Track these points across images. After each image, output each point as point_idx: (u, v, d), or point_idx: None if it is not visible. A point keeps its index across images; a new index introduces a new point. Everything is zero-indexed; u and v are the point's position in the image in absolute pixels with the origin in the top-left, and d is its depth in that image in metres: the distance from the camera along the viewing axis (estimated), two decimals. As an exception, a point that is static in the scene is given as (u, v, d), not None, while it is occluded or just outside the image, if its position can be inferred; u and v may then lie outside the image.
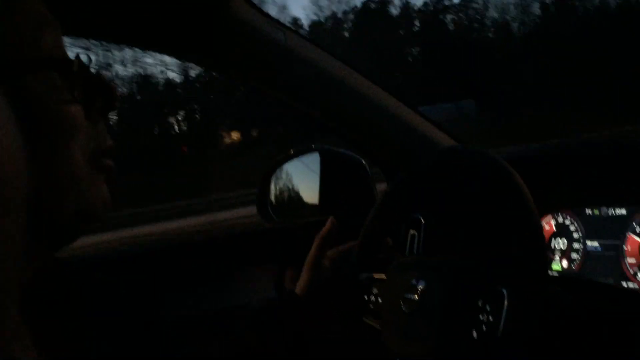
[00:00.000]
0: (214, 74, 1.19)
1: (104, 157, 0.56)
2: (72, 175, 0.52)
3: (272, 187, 1.34)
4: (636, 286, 0.96)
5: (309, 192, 1.33)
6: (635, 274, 0.96)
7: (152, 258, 1.22)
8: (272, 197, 1.35)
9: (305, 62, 1.10)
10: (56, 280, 0.62)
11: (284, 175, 1.35)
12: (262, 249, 1.29)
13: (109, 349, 0.63)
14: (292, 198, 1.36)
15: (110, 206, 0.57)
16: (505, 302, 0.72)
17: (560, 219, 1.11)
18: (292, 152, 1.33)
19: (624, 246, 0.99)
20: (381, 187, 1.35)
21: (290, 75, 1.11)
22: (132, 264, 1.19)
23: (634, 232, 0.98)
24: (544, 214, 1.13)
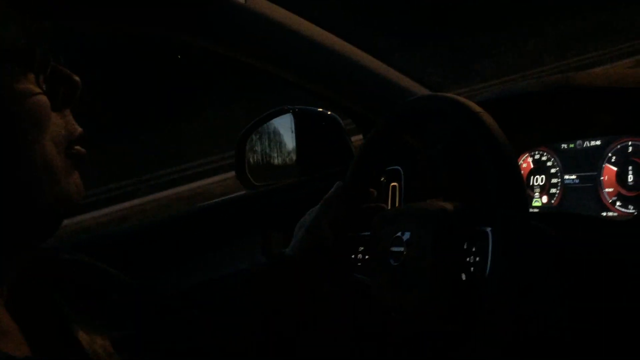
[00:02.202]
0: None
1: (75, 145, 0.56)
2: (45, 166, 0.51)
3: (249, 151, 1.33)
4: (615, 215, 0.98)
5: (286, 154, 1.32)
6: (614, 202, 0.98)
7: (133, 237, 1.21)
8: (250, 162, 1.34)
9: (268, 22, 1.08)
10: (44, 272, 0.62)
11: (259, 139, 1.34)
12: (244, 215, 1.28)
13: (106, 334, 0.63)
14: (270, 161, 1.35)
15: (83, 193, 0.56)
16: (490, 242, 0.73)
17: (537, 156, 1.12)
18: (265, 115, 1.32)
19: (601, 177, 1.00)
20: (356, 139, 1.35)
21: (254, 37, 1.09)
22: (113, 244, 1.18)
23: (610, 162, 0.99)
24: (520, 152, 1.14)
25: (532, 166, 1.13)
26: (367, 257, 0.94)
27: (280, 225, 1.25)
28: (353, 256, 0.96)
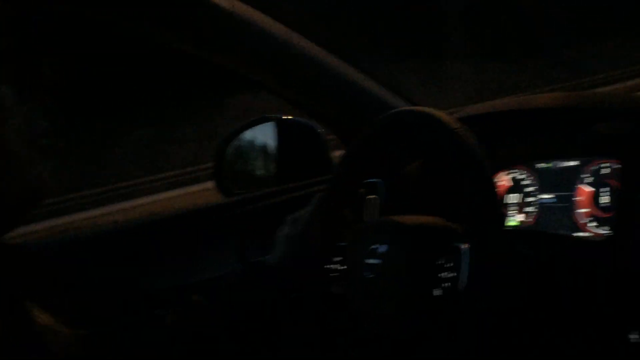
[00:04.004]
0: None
1: (42, 137, 0.55)
2: (7, 158, 0.50)
3: (229, 159, 1.32)
4: (589, 235, 0.98)
5: (266, 162, 1.32)
6: (588, 223, 0.99)
7: (108, 240, 1.19)
8: (229, 170, 1.33)
9: (254, 29, 1.09)
10: (4, 266, 0.61)
11: (240, 147, 1.34)
12: (221, 222, 1.27)
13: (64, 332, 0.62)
14: (250, 169, 1.34)
15: (49, 186, 0.55)
16: (465, 258, 0.73)
17: (514, 174, 1.13)
18: (247, 123, 1.31)
19: (575, 197, 1.01)
20: (339, 154, 1.35)
21: (239, 43, 1.09)
22: (87, 246, 1.17)
23: (585, 183, 1.01)
24: (498, 170, 1.15)
25: (509, 184, 1.14)
26: (342, 267, 0.94)
27: (256, 233, 1.24)
28: (329, 267, 0.96)
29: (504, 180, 1.14)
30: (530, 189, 1.10)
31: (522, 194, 1.11)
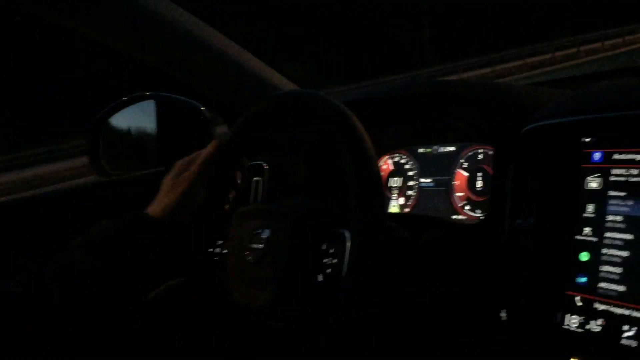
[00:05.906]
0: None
1: None
2: None
3: (105, 137, 1.24)
4: (464, 218, 1.03)
5: (146, 142, 1.25)
6: (463, 207, 1.03)
7: None
8: (105, 148, 1.25)
9: (139, 8, 1.03)
10: None
11: (117, 125, 1.26)
12: (96, 204, 1.20)
13: None
14: (128, 148, 1.27)
15: None
16: (347, 244, 0.73)
17: (397, 158, 1.16)
18: (125, 99, 1.23)
19: (453, 182, 1.05)
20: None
21: (122, 18, 1.02)
22: None
23: (462, 168, 1.05)
24: (382, 154, 1.17)
25: (391, 168, 1.16)
26: (224, 251, 0.91)
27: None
28: (211, 249, 0.93)
29: (386, 164, 1.17)
30: (411, 173, 1.13)
31: (403, 178, 1.14)
